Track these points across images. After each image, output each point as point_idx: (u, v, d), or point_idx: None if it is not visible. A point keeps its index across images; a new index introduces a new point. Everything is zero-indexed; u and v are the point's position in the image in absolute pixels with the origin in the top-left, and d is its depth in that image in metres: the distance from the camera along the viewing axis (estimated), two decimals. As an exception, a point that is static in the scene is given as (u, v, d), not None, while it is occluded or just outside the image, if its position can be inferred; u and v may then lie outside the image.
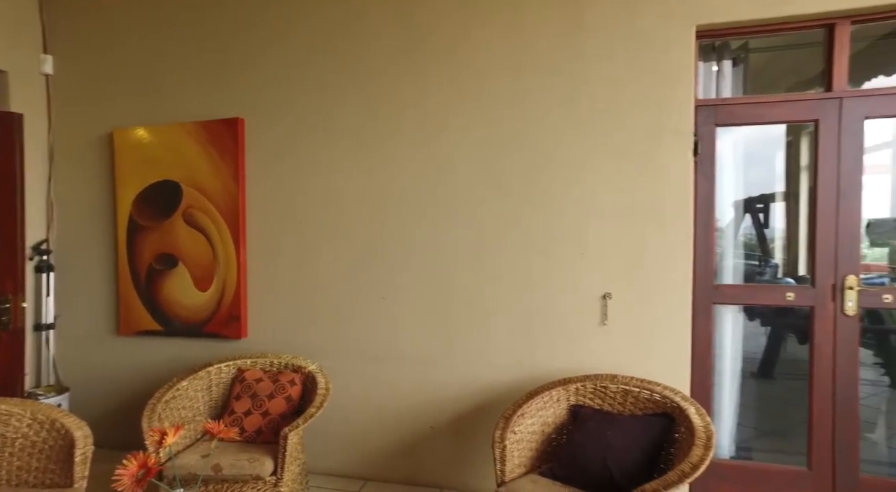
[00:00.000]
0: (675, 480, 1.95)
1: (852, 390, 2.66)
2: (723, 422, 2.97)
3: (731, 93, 2.94)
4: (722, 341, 2.98)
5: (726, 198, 3.09)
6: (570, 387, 2.58)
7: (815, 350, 2.70)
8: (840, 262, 2.65)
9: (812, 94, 2.73)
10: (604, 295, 2.80)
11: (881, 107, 2.64)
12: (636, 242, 2.76)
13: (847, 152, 2.64)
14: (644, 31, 2.74)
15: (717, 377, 2.95)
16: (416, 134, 3.03)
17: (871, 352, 3.38)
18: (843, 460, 2.66)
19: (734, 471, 2.84)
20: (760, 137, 3.52)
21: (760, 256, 4.47)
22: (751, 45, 3.04)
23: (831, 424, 2.67)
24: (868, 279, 2.93)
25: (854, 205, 2.65)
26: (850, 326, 2.64)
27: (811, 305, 2.70)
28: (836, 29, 2.64)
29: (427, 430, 3.04)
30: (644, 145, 2.75)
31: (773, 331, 4.19)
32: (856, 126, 2.63)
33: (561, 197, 2.85)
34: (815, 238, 2.70)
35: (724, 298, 2.86)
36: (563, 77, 2.84)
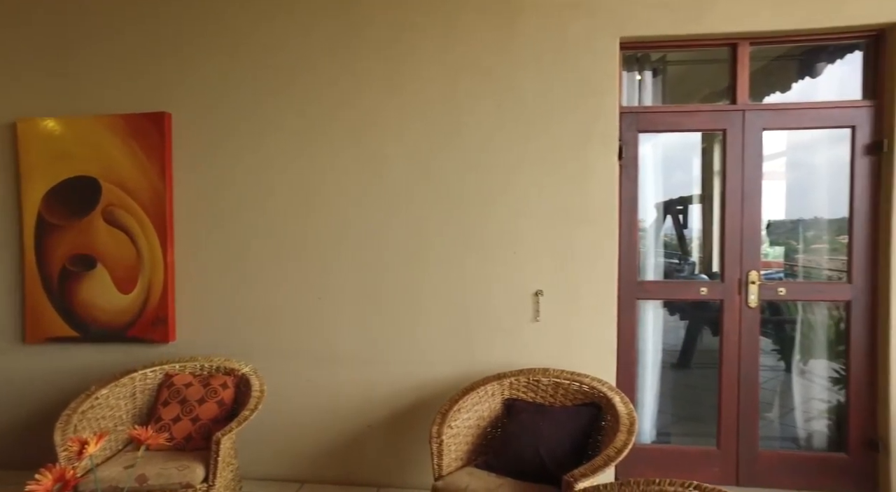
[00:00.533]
0: (602, 464, 2.08)
1: (754, 375, 2.93)
2: (645, 410, 3.18)
3: (651, 102, 3.16)
4: (645, 335, 3.19)
5: (649, 200, 3.31)
6: (504, 381, 2.68)
7: (724, 339, 2.95)
8: (744, 259, 2.92)
9: (720, 105, 2.98)
10: (536, 292, 2.92)
11: (776, 120, 2.94)
12: (566, 242, 2.90)
13: (749, 160, 2.91)
14: (573, 40, 2.88)
15: (641, 368, 3.16)
16: (352, 132, 3.02)
17: (771, 340, 3.72)
18: (745, 438, 2.93)
19: (655, 454, 3.05)
20: (680, 143, 3.78)
21: (680, 254, 4.80)
22: (670, 58, 3.27)
23: (736, 406, 2.93)
24: (768, 275, 3.23)
25: (755, 207, 2.92)
26: (753, 316, 2.91)
27: (721, 299, 2.96)
28: (738, 48, 2.90)
29: (365, 429, 3.04)
30: (573, 149, 2.90)
31: (691, 324, 4.51)
32: (756, 136, 2.90)
33: (495, 197, 2.95)
34: (724, 237, 2.96)
35: (647, 294, 3.07)
36: (497, 81, 2.93)
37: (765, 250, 3.89)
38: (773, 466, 2.94)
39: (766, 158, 2.93)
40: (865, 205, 2.85)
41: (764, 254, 3.94)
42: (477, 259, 2.96)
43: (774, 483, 2.92)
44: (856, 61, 2.95)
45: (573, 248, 2.90)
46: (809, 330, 3.26)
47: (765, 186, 2.92)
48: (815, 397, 3.19)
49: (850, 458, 2.90)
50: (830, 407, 3.13)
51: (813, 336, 3.24)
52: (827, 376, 3.16)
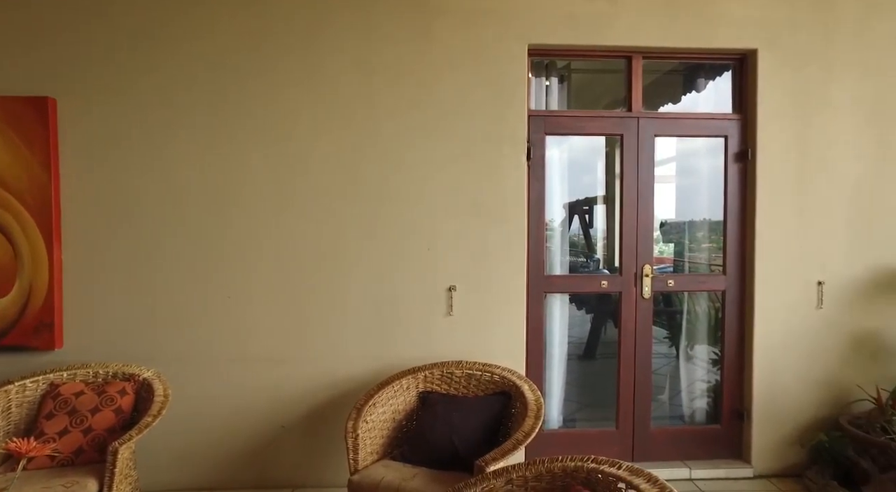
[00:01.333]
0: (511, 447, 2.19)
1: (647, 360, 3.21)
2: (553, 398, 3.37)
3: (557, 106, 3.36)
4: (552, 327, 3.38)
5: (558, 201, 3.52)
6: (419, 375, 2.73)
7: (622, 328, 3.21)
8: (639, 254, 3.19)
9: (617, 112, 3.24)
10: (449, 287, 3.00)
11: (666, 127, 3.24)
12: (478, 238, 3.01)
13: (643, 163, 3.18)
14: (484, 45, 3.00)
15: (549, 359, 3.35)
16: (268, 130, 2.94)
17: (664, 329, 4.09)
18: (640, 418, 3.20)
19: (562, 438, 3.24)
20: (587, 147, 4.04)
21: (586, 252, 5.12)
22: (577, 67, 3.49)
23: (632, 390, 3.20)
24: (660, 269, 3.56)
25: (649, 207, 3.20)
26: (647, 306, 3.19)
27: (619, 291, 3.21)
28: (633, 60, 3.17)
29: (279, 430, 2.97)
30: (485, 149, 3.01)
31: (595, 318, 4.83)
32: (649, 142, 3.18)
33: (411, 195, 2.99)
34: (622, 234, 3.21)
35: (554, 288, 3.26)
36: (412, 82, 2.98)
37: (660, 248, 4.27)
38: (663, 441, 3.24)
39: (660, 163, 3.22)
40: (736, 206, 3.22)
41: (660, 251, 4.32)
42: (392, 256, 2.99)
43: (664, 456, 3.22)
44: (728, 79, 3.32)
45: (485, 244, 3.02)
46: (695, 318, 3.62)
47: (658, 189, 3.22)
48: (698, 379, 3.55)
49: (723, 428, 3.26)
50: (710, 386, 3.49)
51: (698, 324, 3.60)
52: (708, 359, 3.53)
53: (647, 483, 1.61)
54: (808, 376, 3.14)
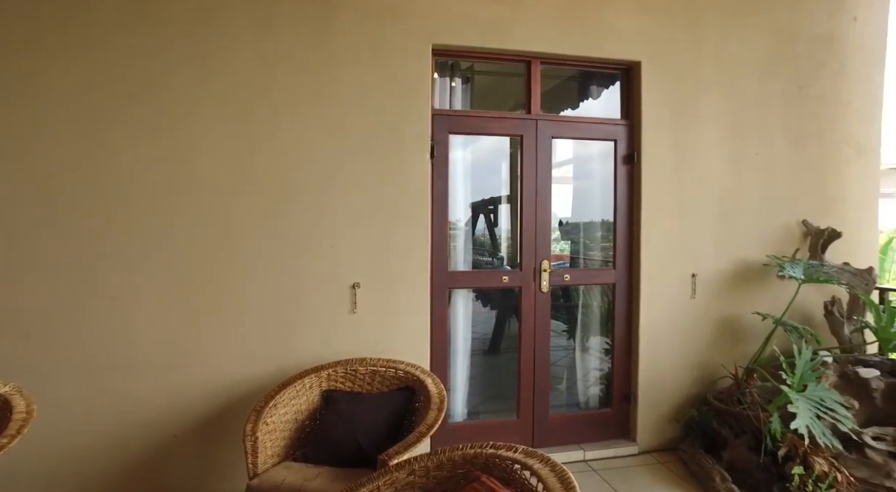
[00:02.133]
0: (415, 440, 2.22)
1: (546, 352, 3.39)
2: (457, 391, 3.45)
3: (461, 106, 3.44)
4: (457, 322, 3.46)
5: (464, 200, 3.61)
6: (322, 373, 2.69)
7: (522, 321, 3.35)
8: (538, 250, 3.35)
9: (517, 114, 3.38)
10: (353, 284, 2.98)
11: (562, 130, 3.44)
12: (382, 235, 3.01)
13: (541, 163, 3.35)
14: (388, 42, 3.00)
15: (453, 354, 3.42)
16: (155, 117, 2.74)
17: (562, 322, 4.33)
18: (539, 407, 3.37)
19: (466, 430, 3.33)
20: (493, 148, 4.17)
21: (491, 250, 5.28)
22: (485, 69, 3.58)
23: (532, 380, 3.36)
24: (558, 264, 3.77)
25: (546, 205, 3.37)
26: (545, 300, 3.36)
27: (519, 286, 3.35)
28: (532, 65, 3.33)
29: (170, 439, 2.78)
30: (389, 146, 3.02)
31: (500, 313, 5.01)
32: (547, 143, 3.35)
33: (313, 192, 2.93)
34: (521, 231, 3.35)
35: (457, 283, 3.34)
36: (315, 76, 2.91)
37: (560, 246, 4.51)
38: (561, 427, 3.43)
39: (560, 164, 3.41)
40: (625, 205, 3.49)
41: (560, 249, 4.56)
42: (294, 253, 2.91)
43: (562, 441, 3.41)
44: (618, 88, 3.58)
45: (389, 241, 3.02)
46: (590, 311, 3.87)
47: (558, 189, 3.40)
48: (593, 367, 3.80)
49: (613, 411, 3.53)
50: (603, 374, 3.75)
51: (593, 316, 3.85)
52: (601, 348, 3.79)
53: (539, 463, 1.70)
54: (684, 359, 3.48)
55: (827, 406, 2.66)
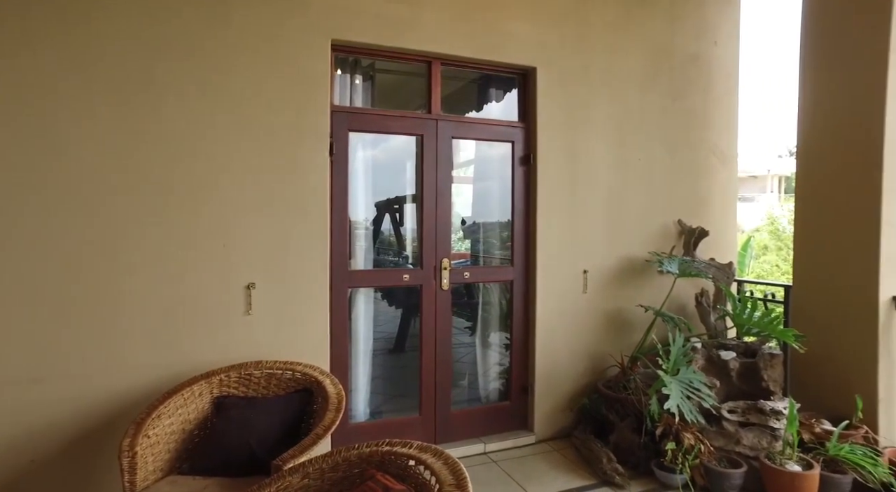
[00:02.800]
0: (310, 443, 2.17)
1: (447, 348, 3.45)
2: (359, 392, 3.41)
3: (363, 104, 3.41)
4: (358, 322, 3.42)
5: (370, 197, 3.57)
6: (213, 379, 2.54)
7: (423, 319, 3.39)
8: (438, 248, 3.41)
9: (418, 113, 3.41)
10: (248, 285, 2.84)
11: (462, 130, 3.52)
12: (279, 233, 2.91)
13: (442, 163, 3.40)
14: (287, 35, 2.90)
15: (355, 354, 3.38)
16: (15, 99, 2.43)
17: (465, 319, 4.43)
18: (441, 403, 3.43)
19: (369, 429, 3.30)
20: (399, 147, 4.15)
21: (397, 249, 5.27)
22: (390, 68, 3.56)
23: (434, 377, 3.41)
24: (459, 263, 3.86)
25: (447, 205, 3.44)
26: (446, 298, 3.43)
27: (420, 284, 3.38)
28: (432, 65, 3.38)
29: (28, 465, 2.47)
30: (287, 142, 2.92)
31: (404, 312, 5.02)
32: (447, 143, 3.41)
33: (203, 187, 2.76)
34: (422, 230, 3.39)
35: (358, 282, 3.30)
36: (205, 65, 2.75)
37: (464, 244, 4.60)
38: (463, 422, 3.51)
39: (463, 164, 3.47)
40: (522, 205, 3.64)
41: (466, 248, 4.65)
42: (183, 253, 2.72)
43: (464, 435, 3.49)
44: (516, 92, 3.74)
45: (286, 239, 2.93)
46: (492, 308, 3.99)
47: (462, 189, 3.47)
48: (494, 362, 3.93)
49: (512, 404, 3.67)
50: (503, 368, 3.89)
51: (493, 313, 3.97)
52: (502, 344, 3.93)
53: (433, 457, 1.74)
54: (577, 350, 3.71)
55: (694, 387, 2.96)
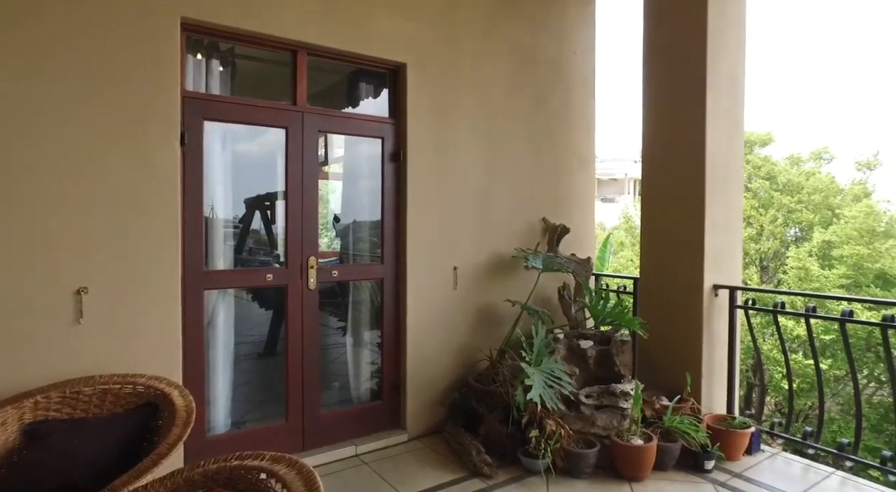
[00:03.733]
0: (151, 464, 1.93)
1: (316, 350, 3.31)
2: (219, 401, 3.15)
3: (221, 91, 3.14)
4: (218, 326, 3.15)
5: (239, 194, 3.34)
6: (25, 403, 2.18)
7: (289, 321, 3.22)
8: (305, 246, 3.25)
9: (282, 104, 3.23)
10: (78, 289, 2.48)
11: (331, 124, 3.40)
12: (118, 230, 2.58)
13: (308, 157, 3.25)
14: (129, 9, 2.58)
15: (213, 361, 3.11)
16: None
17: (337, 319, 4.30)
18: (310, 407, 3.29)
19: (228, 442, 3.06)
20: (272, 141, 3.88)
21: (269, 248, 4.97)
22: (251, 54, 3.31)
23: (301, 381, 3.25)
24: (328, 261, 3.72)
25: (313, 200, 3.29)
26: (313, 298, 3.28)
27: (285, 284, 3.21)
28: (298, 55, 3.21)
29: None
30: (129, 129, 2.60)
31: (275, 313, 4.75)
32: (313, 137, 3.27)
33: (23, 181, 2.35)
34: (287, 226, 3.21)
35: (215, 284, 3.04)
36: (26, 42, 2.35)
37: (336, 242, 4.45)
38: (334, 425, 3.39)
39: (337, 160, 3.34)
40: (392, 202, 3.61)
41: (341, 245, 4.50)
42: (-12, 253, 2.30)
43: (336, 439, 3.38)
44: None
45: (127, 237, 2.60)
46: (364, 307, 3.91)
47: (337, 185, 3.33)
48: (366, 361, 3.85)
49: (385, 403, 3.63)
50: (375, 367, 3.83)
51: (366, 311, 3.89)
52: (374, 342, 3.86)
53: (286, 468, 1.63)
54: (448, 346, 3.76)
55: (556, 376, 3.14)
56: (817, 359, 3.78)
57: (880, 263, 8.68)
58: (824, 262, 9.33)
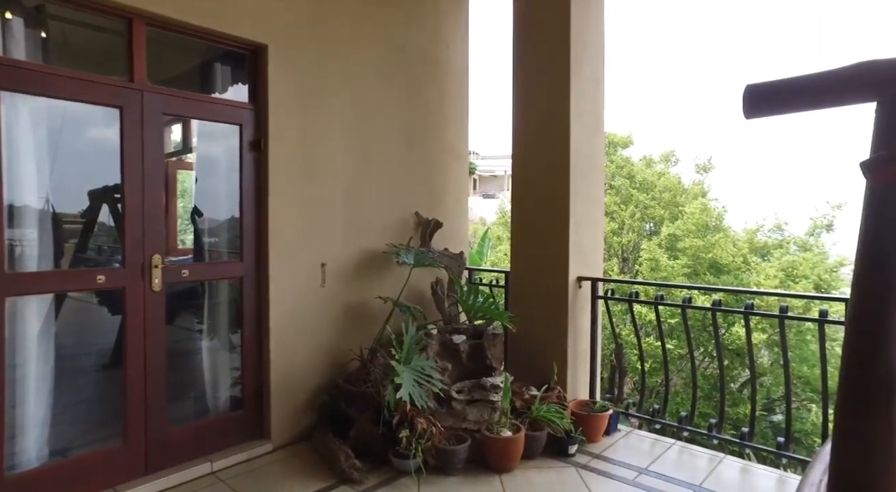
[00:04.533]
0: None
1: (160, 361, 2.93)
2: (30, 430, 2.63)
3: (29, 57, 2.62)
4: (35, 338, 2.64)
5: (77, 184, 2.88)
6: None
7: (128, 328, 2.81)
8: (147, 244, 2.86)
9: (115, 80, 2.79)
10: None
11: (178, 107, 3.02)
12: None
13: (150, 143, 2.85)
14: None
15: (26, 380, 2.60)
16: None
17: (194, 323, 3.88)
18: (153, 425, 2.90)
19: (42, 478, 2.58)
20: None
21: (120, 245, 4.34)
22: (75, 19, 2.80)
23: (143, 395, 2.86)
24: (181, 260, 3.32)
25: (158, 191, 2.90)
26: (158, 301, 2.90)
27: (123, 286, 2.79)
28: (134, 24, 2.80)
29: None
30: None
31: (123, 319, 4.17)
32: (157, 119, 2.87)
33: None
34: (125, 221, 2.80)
35: (24, 288, 2.55)
36: None
37: (206, 239, 4.00)
38: (185, 442, 3.04)
39: (188, 149, 2.95)
40: (252, 194, 3.31)
41: (194, 243, 4.04)
42: None
43: (188, 457, 3.03)
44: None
45: None
46: (224, 308, 3.55)
47: (187, 176, 2.95)
48: (225, 368, 3.50)
49: (246, 412, 3.34)
50: (235, 373, 3.50)
51: (227, 313, 3.54)
52: (233, 346, 3.53)
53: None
54: (317, 347, 3.56)
55: (426, 373, 3.08)
56: (664, 341, 4.18)
57: (712, 253, 9.92)
58: (671, 253, 10.45)
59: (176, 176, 3.66)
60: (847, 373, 1.53)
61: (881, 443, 1.49)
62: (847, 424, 1.51)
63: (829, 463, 1.59)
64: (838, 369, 1.20)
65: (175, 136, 3.80)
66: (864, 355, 1.48)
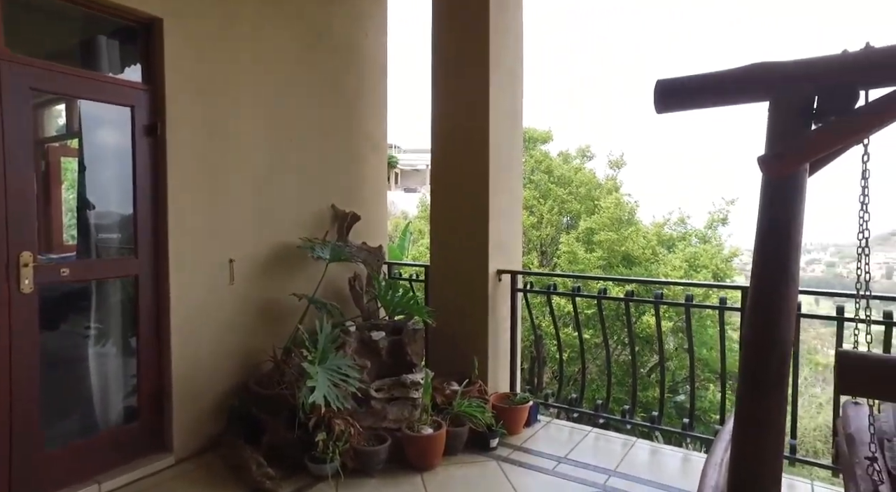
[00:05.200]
0: None
1: (31, 373, 2.56)
2: None
3: None
4: None
5: None
6: None
7: (-8, 337, 2.44)
8: (12, 239, 2.48)
9: (-33, 47, 2.40)
10: None
11: (51, 82, 2.66)
12: None
13: (13, 121, 2.47)
14: None
15: None
16: None
17: (83, 327, 3.47)
18: (21, 449, 2.52)
19: None
20: None
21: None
22: None
23: (9, 413, 2.49)
24: (60, 257, 2.94)
25: (27, 177, 2.54)
26: (28, 304, 2.54)
27: (-17, 288, 2.42)
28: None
29: None
30: None
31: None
32: (21, 95, 2.50)
33: None
34: (-15, 213, 2.42)
35: None
36: None
37: (74, 233, 3.56)
38: (65, 464, 2.70)
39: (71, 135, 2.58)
40: (148, 183, 3.00)
41: (78, 238, 3.60)
42: None
43: (71, 480, 2.70)
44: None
45: None
46: (117, 310, 3.19)
47: (68, 163, 2.58)
48: (119, 376, 3.16)
49: (142, 423, 3.03)
50: (131, 383, 3.17)
51: (120, 315, 3.18)
52: (127, 352, 3.19)
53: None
54: (225, 348, 3.30)
55: (343, 373, 2.94)
56: (581, 332, 4.31)
57: (625, 246, 10.45)
58: (588, 246, 10.88)
59: (60, 164, 3.25)
60: (746, 363, 1.60)
61: (773, 424, 1.58)
62: (745, 410, 1.58)
63: (731, 444, 1.66)
64: (735, 352, 1.24)
65: (59, 119, 3.39)
66: (761, 347, 1.56)
